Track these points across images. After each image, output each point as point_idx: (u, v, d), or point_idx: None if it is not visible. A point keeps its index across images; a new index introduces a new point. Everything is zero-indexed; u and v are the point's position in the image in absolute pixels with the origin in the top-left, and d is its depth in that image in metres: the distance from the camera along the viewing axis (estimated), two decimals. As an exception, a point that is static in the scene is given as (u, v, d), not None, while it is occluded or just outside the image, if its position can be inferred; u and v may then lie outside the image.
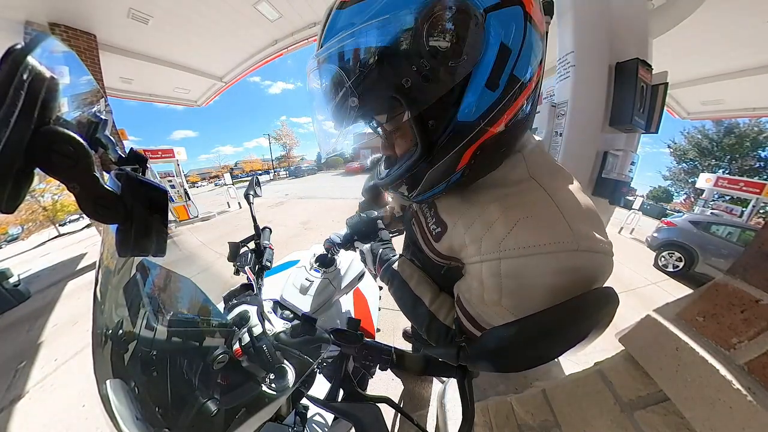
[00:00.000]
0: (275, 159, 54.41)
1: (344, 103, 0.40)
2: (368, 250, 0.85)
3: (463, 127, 0.40)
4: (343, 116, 0.43)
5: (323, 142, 0.53)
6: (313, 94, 0.46)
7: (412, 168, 0.45)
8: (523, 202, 0.42)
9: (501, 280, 0.41)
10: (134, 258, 0.56)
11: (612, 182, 2.04)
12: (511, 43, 0.36)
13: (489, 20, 0.34)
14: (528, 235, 0.39)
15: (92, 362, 0.45)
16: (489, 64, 0.36)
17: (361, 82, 0.38)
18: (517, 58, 0.37)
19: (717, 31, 4.23)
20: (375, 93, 0.39)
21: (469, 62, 0.36)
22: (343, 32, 0.37)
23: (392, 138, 0.50)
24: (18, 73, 0.18)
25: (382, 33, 0.35)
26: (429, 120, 0.40)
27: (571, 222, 0.38)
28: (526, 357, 0.34)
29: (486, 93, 0.37)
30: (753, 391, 0.38)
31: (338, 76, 0.39)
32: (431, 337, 0.60)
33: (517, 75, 0.38)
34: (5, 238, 18.78)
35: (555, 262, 0.37)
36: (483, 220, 0.45)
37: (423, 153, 0.43)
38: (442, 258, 0.56)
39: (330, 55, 0.39)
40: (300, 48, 6.30)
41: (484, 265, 0.43)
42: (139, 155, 0.38)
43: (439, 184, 0.47)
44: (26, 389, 2.16)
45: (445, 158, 0.42)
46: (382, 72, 0.37)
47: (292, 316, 0.88)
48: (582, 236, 0.37)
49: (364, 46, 0.36)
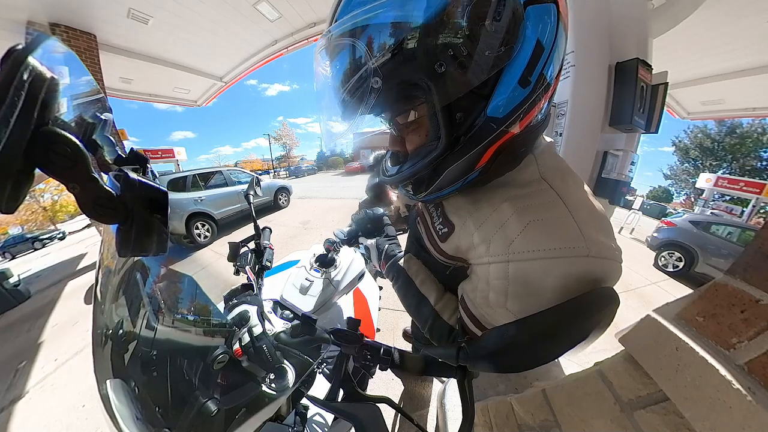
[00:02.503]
0: (275, 159, 54.43)
1: (361, 86, 0.36)
2: (374, 246, 0.85)
3: (491, 124, 0.38)
4: (357, 103, 0.38)
5: (328, 136, 0.48)
6: (321, 78, 0.42)
7: (432, 163, 0.42)
8: (535, 204, 0.40)
9: (508, 283, 0.40)
10: (134, 258, 0.56)
11: (612, 182, 2.05)
12: (545, 40, 0.35)
13: (528, 13, 0.33)
14: (539, 238, 0.38)
15: (92, 362, 0.45)
16: (525, 59, 0.34)
17: (385, 62, 0.34)
18: (549, 56, 0.36)
19: (717, 31, 4.23)
20: (401, 77, 0.35)
21: (507, 54, 0.34)
22: (365, 5, 0.33)
23: (405, 132, 0.47)
24: (19, 73, 0.18)
25: (416, 8, 0.31)
26: (457, 113, 0.38)
27: (583, 227, 0.37)
28: (526, 357, 0.34)
29: (518, 90, 0.36)
30: (753, 391, 0.38)
31: (356, 55, 0.36)
32: (434, 336, 0.60)
33: (546, 74, 0.37)
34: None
35: (564, 267, 0.36)
36: (494, 220, 0.43)
37: (447, 148, 0.40)
38: (448, 258, 0.55)
39: (347, 30, 0.35)
40: (300, 48, 6.30)
41: (491, 267, 0.42)
42: (139, 155, 0.38)
43: (455, 183, 0.44)
44: (26, 389, 2.17)
45: (468, 155, 0.40)
46: (411, 53, 0.33)
47: (292, 316, 0.88)
48: (593, 242, 0.36)
49: (393, 21, 0.32)
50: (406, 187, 0.52)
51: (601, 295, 0.37)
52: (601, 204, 0.44)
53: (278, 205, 8.30)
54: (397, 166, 0.51)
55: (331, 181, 19.59)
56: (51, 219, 15.51)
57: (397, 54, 0.33)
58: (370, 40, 0.34)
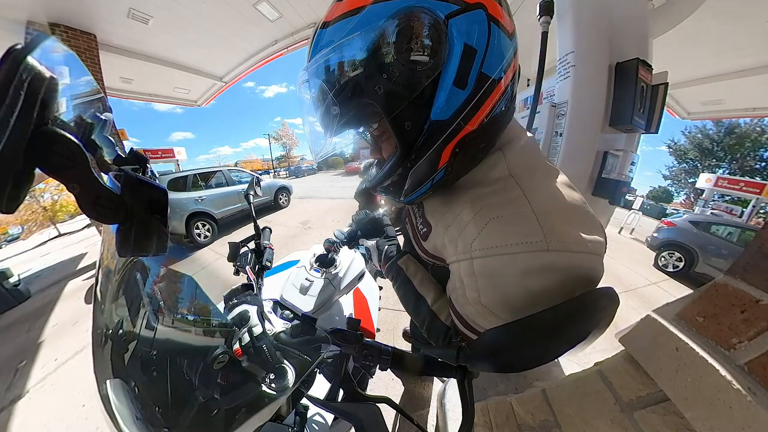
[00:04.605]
0: (275, 159, 54.40)
1: (328, 111, 0.44)
2: (374, 247, 0.86)
3: (439, 126, 0.41)
4: (329, 124, 0.45)
5: (314, 149, 0.55)
6: (303, 103, 0.50)
7: (394, 169, 0.47)
8: (497, 202, 0.43)
9: (476, 279, 0.42)
10: (134, 258, 0.56)
11: (612, 182, 2.04)
12: (475, 43, 0.38)
13: (451, 25, 0.37)
14: (496, 235, 0.40)
15: (92, 362, 0.45)
16: (455, 64, 0.38)
17: (340, 92, 0.41)
18: (484, 56, 0.39)
19: (717, 31, 4.23)
20: (353, 101, 0.42)
21: (434, 65, 0.38)
22: (324, 49, 0.41)
23: (379, 142, 0.52)
24: (18, 73, 0.18)
25: (354, 47, 0.39)
26: (405, 122, 0.42)
27: (543, 221, 0.38)
28: (526, 357, 0.34)
29: (456, 91, 0.39)
30: (753, 391, 0.38)
31: (321, 88, 0.43)
32: (431, 336, 0.60)
33: (486, 72, 0.40)
34: (5, 238, 18.75)
35: (522, 262, 0.37)
36: (457, 223, 0.46)
37: (402, 154, 0.45)
38: (429, 257, 0.59)
39: (315, 69, 0.43)
40: (300, 48, 6.30)
41: (461, 265, 0.45)
42: (139, 155, 0.39)
43: (423, 184, 0.48)
44: (26, 389, 2.17)
45: (425, 157, 0.44)
46: (357, 81, 0.40)
47: (292, 316, 0.88)
48: (556, 235, 0.37)
49: (340, 60, 0.40)
50: (386, 191, 0.55)
51: (601, 295, 0.37)
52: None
53: (278, 204, 8.31)
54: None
55: (331, 180, 19.59)
56: (51, 219, 15.50)
57: (345, 85, 0.41)
58: (329, 75, 0.42)
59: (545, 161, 0.50)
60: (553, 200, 0.42)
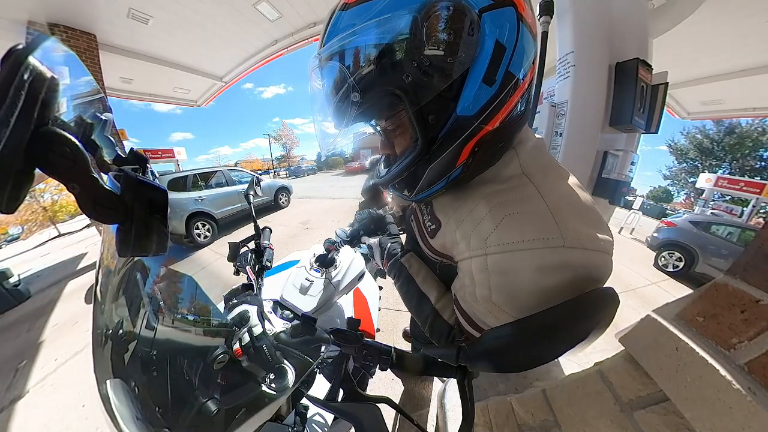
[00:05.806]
0: (275, 159, 54.38)
1: (346, 99, 0.41)
2: (376, 245, 0.86)
3: (463, 122, 0.40)
4: (344, 114, 0.43)
5: (323, 142, 0.53)
6: (314, 92, 0.47)
7: (413, 164, 0.46)
8: (512, 199, 0.42)
9: (489, 276, 0.41)
10: (134, 258, 0.56)
11: (612, 182, 2.04)
12: (505, 40, 0.37)
13: (484, 19, 0.36)
14: (513, 231, 0.39)
15: (92, 362, 0.45)
16: (485, 60, 0.37)
17: (362, 78, 0.39)
18: (512, 55, 0.38)
19: (717, 31, 4.23)
20: (376, 89, 0.40)
21: (466, 59, 0.37)
22: (344, 32, 0.38)
23: (392, 137, 0.51)
24: (19, 73, 0.18)
25: (382, 31, 0.36)
26: (429, 115, 0.41)
27: (559, 218, 0.38)
28: (526, 357, 0.34)
29: (483, 88, 0.39)
30: (753, 391, 0.38)
31: (340, 73, 0.40)
32: (434, 335, 0.60)
33: (512, 71, 0.39)
34: (5, 238, 18.75)
35: (539, 259, 0.37)
36: (472, 218, 0.45)
37: (423, 148, 0.43)
38: (436, 255, 0.58)
39: (332, 53, 0.40)
40: (300, 48, 6.30)
41: (473, 261, 0.44)
42: (139, 155, 0.39)
43: (439, 181, 0.47)
44: (26, 389, 2.17)
45: (445, 153, 0.43)
46: (382, 68, 0.38)
47: (292, 316, 0.88)
48: (571, 232, 0.37)
49: (366, 44, 0.38)
50: (396, 188, 0.54)
51: (601, 295, 0.37)
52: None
53: (279, 204, 8.30)
54: (388, 168, 0.53)
55: (331, 180, 19.58)
56: (51, 219, 15.51)
57: (371, 70, 0.38)
58: (349, 60, 0.39)
59: (556, 162, 0.50)
60: (566, 198, 0.42)
